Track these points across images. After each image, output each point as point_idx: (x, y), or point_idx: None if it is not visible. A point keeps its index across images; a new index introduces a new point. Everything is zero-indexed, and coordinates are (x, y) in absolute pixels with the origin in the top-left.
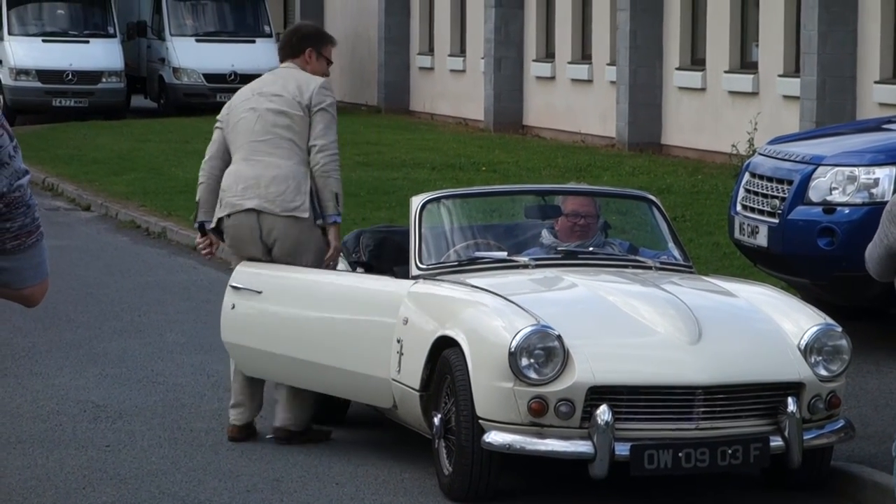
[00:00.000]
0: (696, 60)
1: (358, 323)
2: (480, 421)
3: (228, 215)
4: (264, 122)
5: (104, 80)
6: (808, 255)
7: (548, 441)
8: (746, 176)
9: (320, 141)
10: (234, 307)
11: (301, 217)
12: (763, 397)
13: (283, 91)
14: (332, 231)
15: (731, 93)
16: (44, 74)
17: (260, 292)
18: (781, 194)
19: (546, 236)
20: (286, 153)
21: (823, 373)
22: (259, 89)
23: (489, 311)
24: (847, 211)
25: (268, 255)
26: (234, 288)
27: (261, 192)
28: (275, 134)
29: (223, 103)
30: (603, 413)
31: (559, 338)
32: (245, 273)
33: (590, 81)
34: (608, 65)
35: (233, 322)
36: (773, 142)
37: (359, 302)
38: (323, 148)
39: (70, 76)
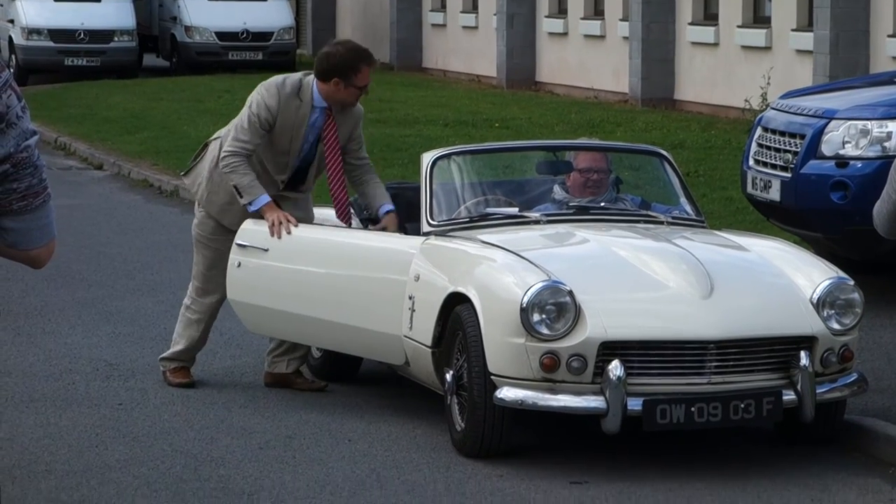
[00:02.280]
0: (708, 15)
1: (369, 280)
2: (492, 377)
3: None
4: None
5: (116, 39)
6: (821, 210)
7: (560, 396)
8: (759, 130)
9: (226, 139)
10: (239, 265)
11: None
12: (775, 351)
13: None
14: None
15: (744, 47)
16: (55, 34)
17: (266, 250)
18: (794, 148)
19: (558, 192)
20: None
21: (836, 326)
22: None
23: (500, 267)
24: (860, 165)
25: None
26: (240, 246)
27: None
28: None
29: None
30: (615, 368)
31: (571, 293)
32: (251, 231)
33: (602, 37)
34: (621, 20)
35: (238, 280)
36: (785, 96)
37: (370, 259)
38: (223, 145)
39: (82, 35)
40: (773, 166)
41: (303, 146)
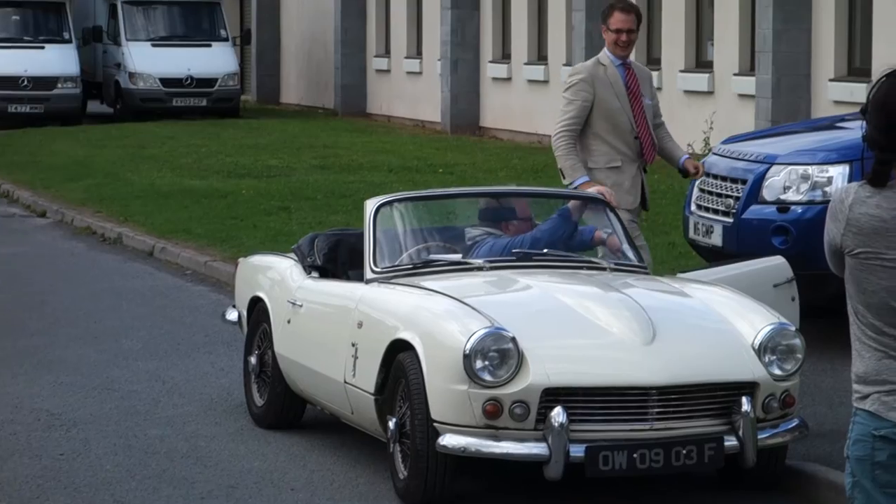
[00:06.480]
0: (651, 60)
1: (315, 327)
2: (435, 424)
3: None
4: None
5: (60, 85)
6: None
7: (503, 443)
8: None
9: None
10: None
11: None
12: (717, 397)
13: None
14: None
15: (687, 92)
16: None
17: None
18: (736, 193)
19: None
20: None
21: (777, 372)
22: None
23: (443, 314)
24: (801, 210)
25: None
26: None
27: None
28: None
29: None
30: (557, 415)
31: (514, 340)
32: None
33: (546, 82)
34: (564, 65)
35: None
36: (727, 141)
37: (314, 305)
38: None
39: (25, 82)
40: (715, 211)
41: (632, 102)
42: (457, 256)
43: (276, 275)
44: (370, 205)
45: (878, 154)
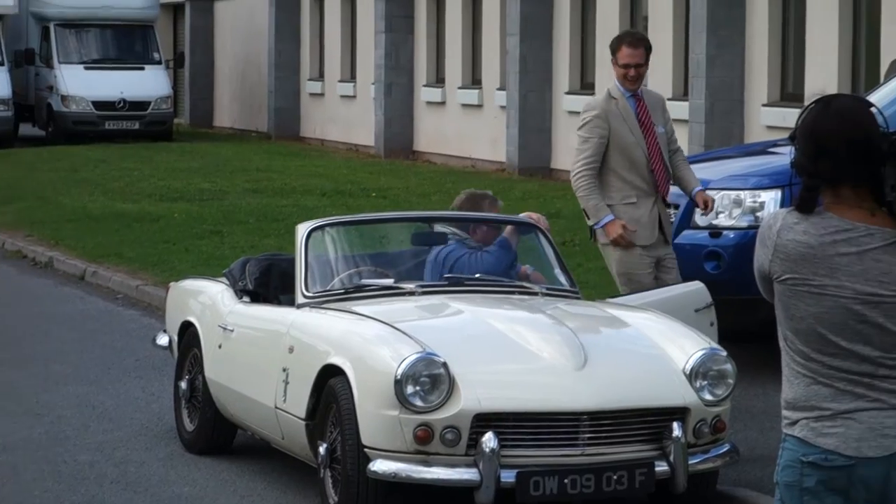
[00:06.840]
0: (585, 84)
1: (246, 351)
2: (366, 449)
3: None
4: None
5: None
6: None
7: (434, 469)
8: None
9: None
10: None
11: None
12: (648, 422)
13: None
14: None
15: None
16: None
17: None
18: None
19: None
20: None
21: (708, 397)
22: None
23: (374, 339)
24: (733, 235)
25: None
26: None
27: None
28: None
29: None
30: (489, 440)
31: (445, 365)
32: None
33: (480, 106)
34: (498, 89)
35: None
36: None
37: (245, 330)
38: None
39: None
40: None
41: (645, 134)
42: (389, 281)
43: (207, 299)
44: (302, 229)
45: (806, 180)
